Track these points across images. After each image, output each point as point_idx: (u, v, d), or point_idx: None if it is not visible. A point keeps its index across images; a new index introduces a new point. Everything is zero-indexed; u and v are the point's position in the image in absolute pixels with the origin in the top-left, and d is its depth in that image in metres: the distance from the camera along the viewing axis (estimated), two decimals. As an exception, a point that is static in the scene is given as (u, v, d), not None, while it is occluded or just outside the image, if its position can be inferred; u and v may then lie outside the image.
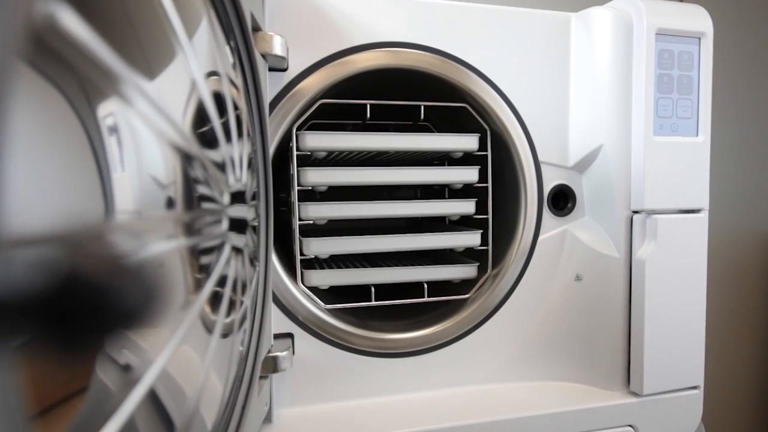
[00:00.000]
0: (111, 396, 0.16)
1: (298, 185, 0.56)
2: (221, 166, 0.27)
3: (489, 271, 0.62)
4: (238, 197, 0.30)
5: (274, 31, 0.51)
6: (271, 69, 0.51)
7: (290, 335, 0.54)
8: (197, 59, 0.24)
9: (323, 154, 0.58)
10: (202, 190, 0.24)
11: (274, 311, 0.53)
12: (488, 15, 0.57)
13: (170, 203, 0.21)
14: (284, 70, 0.52)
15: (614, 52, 0.56)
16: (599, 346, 0.60)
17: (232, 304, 0.29)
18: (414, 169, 0.59)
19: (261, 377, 0.48)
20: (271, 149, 0.52)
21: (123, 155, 0.17)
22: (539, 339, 0.61)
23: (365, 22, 0.54)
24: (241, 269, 0.31)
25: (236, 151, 0.29)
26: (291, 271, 0.57)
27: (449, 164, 0.75)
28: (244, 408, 0.37)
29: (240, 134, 0.32)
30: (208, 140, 0.25)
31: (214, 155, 0.26)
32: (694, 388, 0.59)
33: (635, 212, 0.57)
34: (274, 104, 0.52)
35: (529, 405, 0.57)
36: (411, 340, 0.58)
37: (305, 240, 0.56)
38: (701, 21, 0.57)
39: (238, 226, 0.30)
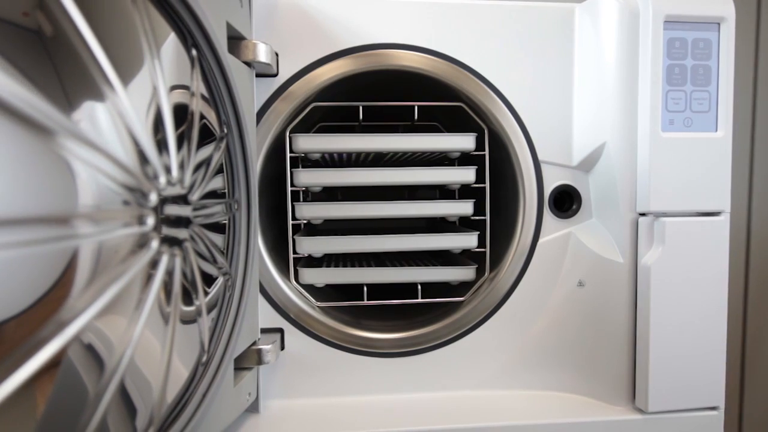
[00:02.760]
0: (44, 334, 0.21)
1: (292, 186, 0.58)
2: (153, 174, 0.29)
3: (487, 273, 0.61)
4: (179, 198, 0.32)
5: (266, 38, 0.53)
6: (259, 75, 0.53)
7: (280, 330, 0.56)
8: (125, 87, 0.27)
9: (317, 155, 0.59)
10: (125, 194, 0.26)
11: (265, 307, 0.56)
12: (483, 12, 0.56)
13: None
14: (274, 75, 0.54)
15: (620, 43, 0.53)
16: (603, 357, 0.56)
17: (168, 293, 0.31)
18: (408, 169, 0.58)
19: (244, 368, 0.51)
20: (263, 151, 0.55)
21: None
22: (539, 346, 0.58)
23: (354, 26, 0.55)
24: (181, 264, 0.33)
25: (174, 157, 0.31)
26: (288, 268, 0.59)
27: (459, 164, 0.74)
28: (206, 392, 0.39)
29: (186, 141, 0.34)
30: (141, 154, 0.28)
31: (142, 165, 0.28)
32: (713, 408, 0.54)
33: (642, 215, 0.53)
34: (265, 108, 0.54)
35: (525, 414, 0.54)
36: (402, 341, 0.58)
37: (298, 239, 0.58)
38: (720, 5, 0.52)
39: (177, 223, 0.32)
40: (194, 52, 0.38)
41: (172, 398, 0.36)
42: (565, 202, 0.59)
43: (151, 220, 0.29)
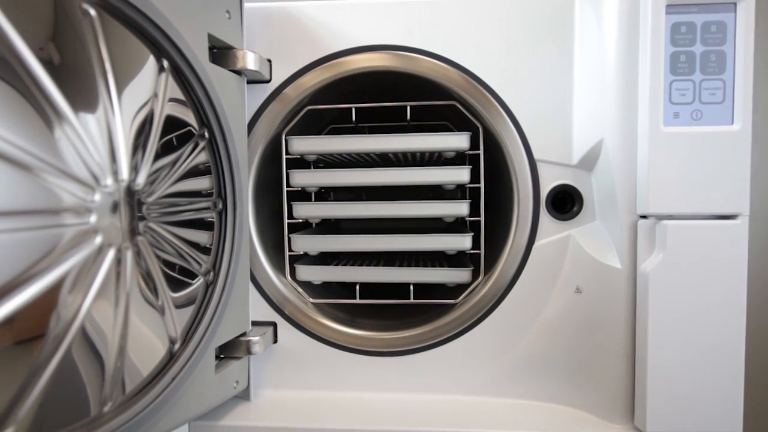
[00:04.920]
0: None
1: (288, 186, 0.61)
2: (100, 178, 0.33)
3: (481, 276, 0.59)
4: (132, 198, 0.36)
5: (260, 45, 0.56)
6: (252, 81, 0.56)
7: (272, 324, 0.59)
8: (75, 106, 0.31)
9: (313, 157, 0.61)
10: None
11: (259, 301, 0.58)
12: (472, 6, 0.54)
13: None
14: (267, 81, 0.57)
15: (620, 30, 0.49)
16: (600, 370, 0.52)
17: (118, 276, 0.35)
18: (401, 170, 0.59)
19: (233, 357, 0.54)
20: (259, 153, 0.58)
21: None
22: (532, 353, 0.55)
23: (343, 30, 0.56)
24: (135, 257, 0.36)
25: (124, 162, 0.35)
26: (290, 265, 0.62)
27: (469, 164, 0.72)
28: (176, 376, 0.43)
29: (143, 145, 0.37)
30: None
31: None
32: (728, 435, 0.48)
33: (642, 217, 0.49)
34: (260, 112, 0.57)
35: (512, 424, 0.52)
36: (391, 341, 0.58)
37: (293, 237, 0.61)
38: (736, -18, 0.46)
39: (129, 220, 0.36)
40: (165, 62, 0.41)
41: (147, 373, 0.40)
42: (568, 203, 0.56)
43: (93, 218, 0.32)
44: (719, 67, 0.47)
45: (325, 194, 0.88)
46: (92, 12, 0.34)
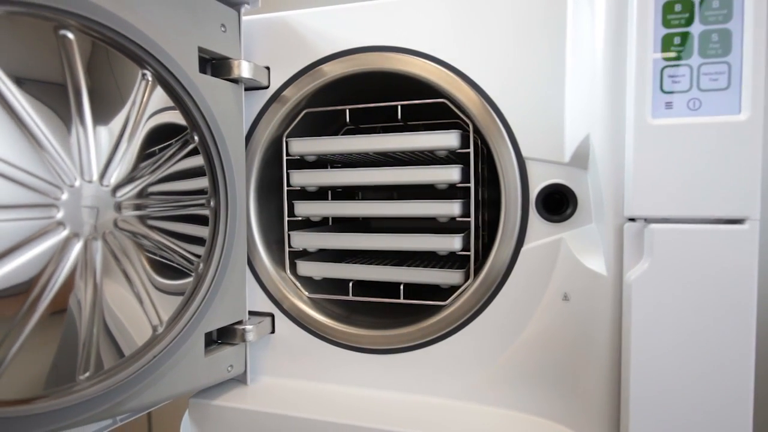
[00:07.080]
0: None
1: (288, 186, 0.64)
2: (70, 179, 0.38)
3: (471, 278, 0.57)
4: (104, 195, 0.41)
5: (259, 53, 0.60)
6: (251, 88, 0.60)
7: (270, 315, 0.62)
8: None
9: (312, 157, 0.64)
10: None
11: (260, 295, 0.62)
12: (454, 4, 0.53)
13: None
14: (265, 87, 0.60)
15: (608, 15, 0.45)
16: (585, 385, 0.48)
17: (86, 265, 0.40)
18: (395, 169, 0.59)
19: (228, 343, 0.58)
20: (259, 155, 0.62)
21: None
22: (517, 362, 0.53)
23: (333, 34, 0.58)
24: (107, 249, 0.42)
25: (95, 165, 0.40)
26: (289, 261, 0.65)
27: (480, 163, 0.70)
28: (158, 355, 0.48)
29: (114, 147, 0.42)
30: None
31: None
32: (732, 473, 0.41)
33: (632, 220, 0.44)
34: (260, 116, 0.61)
35: (492, 434, 0.50)
36: (376, 338, 0.58)
37: (292, 234, 0.64)
38: (743, -51, 0.39)
39: (101, 216, 0.41)
40: (148, 73, 0.47)
41: (129, 350, 0.45)
42: (563, 204, 0.52)
43: (60, 214, 0.38)
44: (723, 49, 0.41)
45: (352, 193, 0.90)
46: (70, 35, 0.40)
